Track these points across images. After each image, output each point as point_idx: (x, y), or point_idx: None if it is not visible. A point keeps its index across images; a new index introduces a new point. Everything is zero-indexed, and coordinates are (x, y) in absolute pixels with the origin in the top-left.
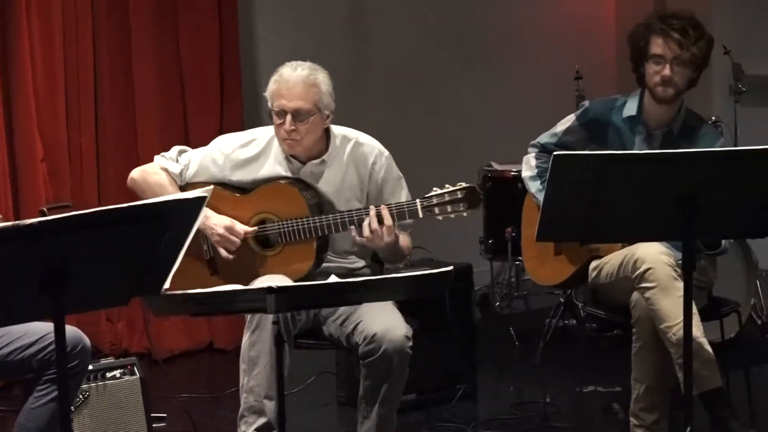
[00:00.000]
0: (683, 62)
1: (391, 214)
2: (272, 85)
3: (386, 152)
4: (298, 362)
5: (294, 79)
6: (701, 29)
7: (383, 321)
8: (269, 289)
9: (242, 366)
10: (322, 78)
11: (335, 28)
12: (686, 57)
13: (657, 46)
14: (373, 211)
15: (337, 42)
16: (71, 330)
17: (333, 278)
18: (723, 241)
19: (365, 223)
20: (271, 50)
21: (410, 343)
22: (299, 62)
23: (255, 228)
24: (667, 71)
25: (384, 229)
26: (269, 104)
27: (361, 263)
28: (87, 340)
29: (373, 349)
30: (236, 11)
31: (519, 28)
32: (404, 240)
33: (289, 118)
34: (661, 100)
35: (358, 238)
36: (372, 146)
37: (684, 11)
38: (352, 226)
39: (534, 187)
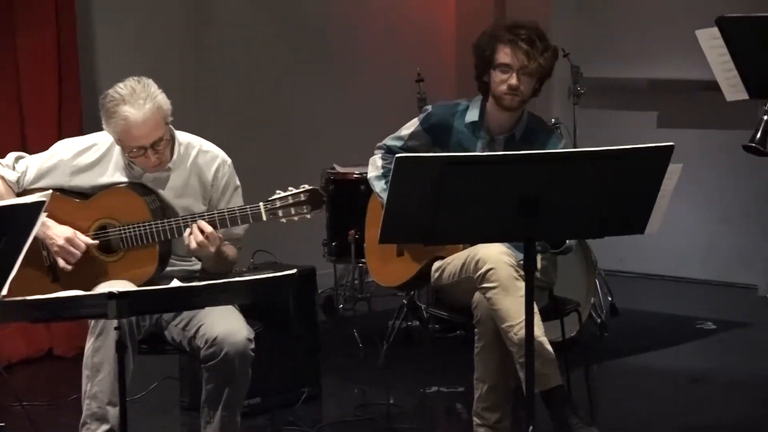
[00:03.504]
0: (530, 72)
1: (235, 218)
2: (117, 128)
3: (229, 160)
4: (141, 367)
5: (141, 118)
6: (547, 41)
7: (224, 324)
8: (110, 295)
9: (85, 372)
10: (160, 96)
11: (176, 30)
12: (533, 67)
13: (505, 55)
14: (195, 225)
15: (179, 43)
16: None
17: (175, 282)
18: (567, 240)
19: (188, 234)
20: (111, 52)
21: (252, 346)
22: (132, 89)
23: (97, 242)
24: (513, 80)
25: (207, 237)
26: (116, 140)
27: (200, 265)
28: None
29: (215, 352)
30: (74, 14)
31: (360, 29)
32: (230, 251)
33: (150, 152)
34: (507, 108)
35: (192, 246)
36: (216, 154)
37: (528, 21)
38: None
39: (379, 186)
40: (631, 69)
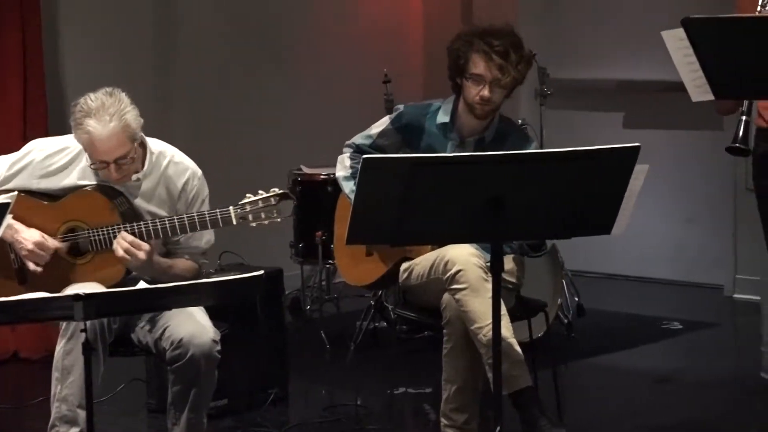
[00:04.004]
0: (503, 85)
1: (205, 222)
2: (81, 139)
3: (200, 172)
4: (108, 369)
5: (105, 135)
6: (522, 50)
7: (190, 325)
8: (76, 297)
9: (55, 374)
10: (128, 114)
11: (142, 34)
12: (507, 81)
13: (478, 67)
14: (119, 236)
15: (144, 47)
16: None
17: (142, 284)
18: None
19: (116, 245)
20: (77, 56)
21: (218, 347)
22: (102, 103)
23: (66, 244)
24: (486, 92)
25: (132, 244)
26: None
27: None
28: None
29: (180, 354)
30: (39, 17)
31: (327, 30)
32: (181, 264)
33: (113, 166)
34: (478, 117)
35: (118, 253)
36: (186, 166)
37: (504, 26)
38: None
39: (347, 187)
40: (598, 70)
